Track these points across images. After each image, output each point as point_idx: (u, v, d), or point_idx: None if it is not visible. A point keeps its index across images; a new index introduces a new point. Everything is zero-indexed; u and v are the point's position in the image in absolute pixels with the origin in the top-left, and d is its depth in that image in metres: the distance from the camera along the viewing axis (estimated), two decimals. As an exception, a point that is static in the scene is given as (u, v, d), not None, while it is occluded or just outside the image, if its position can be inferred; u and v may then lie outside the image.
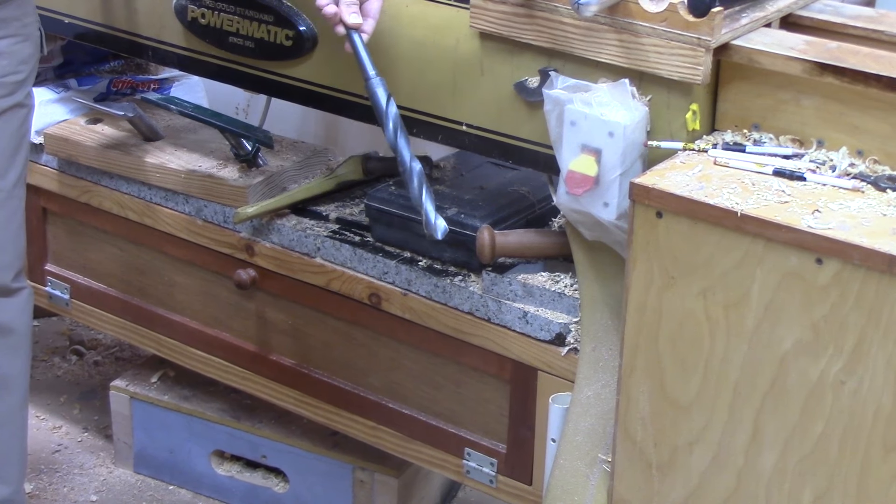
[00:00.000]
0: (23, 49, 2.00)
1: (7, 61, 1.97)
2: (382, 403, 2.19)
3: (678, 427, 1.65)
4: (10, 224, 2.05)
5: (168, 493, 2.62)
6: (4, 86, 1.98)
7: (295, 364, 2.28)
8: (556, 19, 1.76)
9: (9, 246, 2.06)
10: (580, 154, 1.72)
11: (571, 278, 1.97)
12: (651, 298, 1.62)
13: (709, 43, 1.65)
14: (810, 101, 1.66)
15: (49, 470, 2.66)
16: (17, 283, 2.08)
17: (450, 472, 2.16)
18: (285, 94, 2.17)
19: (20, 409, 2.15)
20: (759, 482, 1.60)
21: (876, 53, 1.65)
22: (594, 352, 1.87)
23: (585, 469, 1.85)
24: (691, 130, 1.71)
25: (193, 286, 2.38)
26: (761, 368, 1.56)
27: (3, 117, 1.99)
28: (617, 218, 1.72)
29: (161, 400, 2.59)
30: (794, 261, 1.49)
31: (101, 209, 2.43)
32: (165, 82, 2.65)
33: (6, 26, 1.96)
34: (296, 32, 2.08)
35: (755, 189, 1.57)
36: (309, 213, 2.23)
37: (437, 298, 2.04)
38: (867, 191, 1.58)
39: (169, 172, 2.31)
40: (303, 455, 2.47)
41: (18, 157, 2.04)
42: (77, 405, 2.89)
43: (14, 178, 2.04)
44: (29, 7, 2.01)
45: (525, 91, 1.85)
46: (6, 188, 2.03)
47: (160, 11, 2.26)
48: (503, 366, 2.01)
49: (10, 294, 2.07)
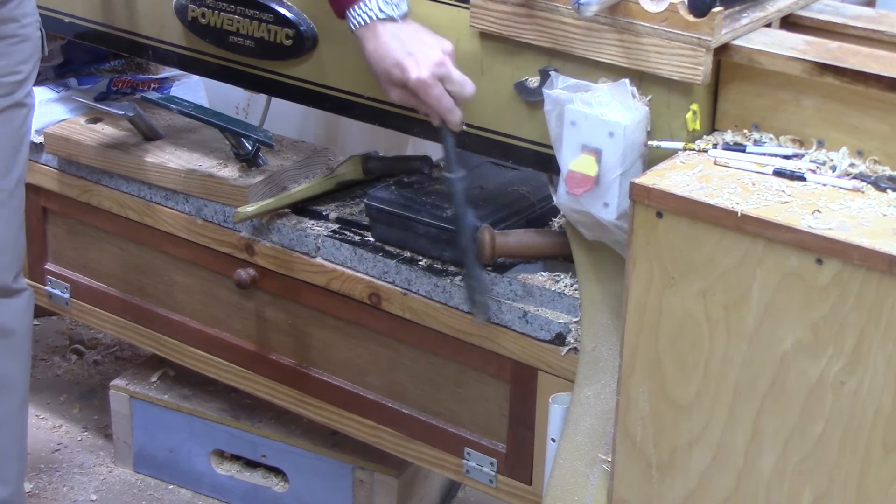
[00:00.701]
0: (22, 49, 1.99)
1: (5, 61, 1.97)
2: (382, 403, 2.19)
3: (678, 427, 1.65)
4: (12, 224, 2.05)
5: (168, 493, 2.62)
6: (3, 86, 1.98)
7: (295, 364, 2.28)
8: (556, 19, 1.76)
9: (10, 246, 2.05)
10: (580, 154, 1.72)
11: (571, 278, 1.97)
12: (651, 298, 1.62)
13: (709, 43, 1.65)
14: (810, 101, 1.66)
15: (49, 469, 2.66)
16: (17, 284, 2.08)
17: (450, 472, 2.16)
18: (285, 94, 2.17)
19: (20, 410, 2.15)
20: (758, 482, 1.60)
21: (876, 54, 1.65)
22: (594, 352, 1.87)
23: (585, 469, 1.85)
24: (691, 130, 1.71)
25: (193, 286, 2.38)
26: (761, 368, 1.56)
27: (3, 116, 1.99)
28: (617, 218, 1.72)
29: (161, 399, 2.59)
30: (794, 261, 1.49)
31: (101, 208, 2.43)
32: (165, 82, 2.65)
33: (4, 26, 1.96)
34: (296, 32, 2.08)
35: (755, 189, 1.57)
36: (309, 212, 2.23)
37: (437, 298, 2.04)
38: (867, 191, 1.58)
39: (169, 172, 2.31)
40: (303, 455, 2.47)
41: (19, 156, 2.04)
42: (77, 404, 2.89)
43: (15, 177, 2.04)
44: (28, 7, 2.00)
45: (525, 91, 1.85)
46: (8, 188, 2.02)
47: (160, 11, 2.26)
48: (503, 366, 2.01)
49: (11, 295, 2.07)
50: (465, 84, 1.79)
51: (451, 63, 1.78)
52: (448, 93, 1.79)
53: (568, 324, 1.93)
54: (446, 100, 1.79)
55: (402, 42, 1.76)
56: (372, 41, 1.78)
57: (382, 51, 1.78)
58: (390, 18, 1.77)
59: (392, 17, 1.77)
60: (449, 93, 1.79)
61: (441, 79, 1.77)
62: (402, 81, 1.77)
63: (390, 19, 1.77)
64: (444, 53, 1.77)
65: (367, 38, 1.79)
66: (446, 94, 1.79)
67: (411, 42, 1.76)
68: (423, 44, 1.77)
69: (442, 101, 1.78)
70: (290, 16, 2.08)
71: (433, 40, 1.79)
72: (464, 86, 1.79)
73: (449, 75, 1.78)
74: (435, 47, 1.77)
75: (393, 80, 1.78)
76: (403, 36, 1.77)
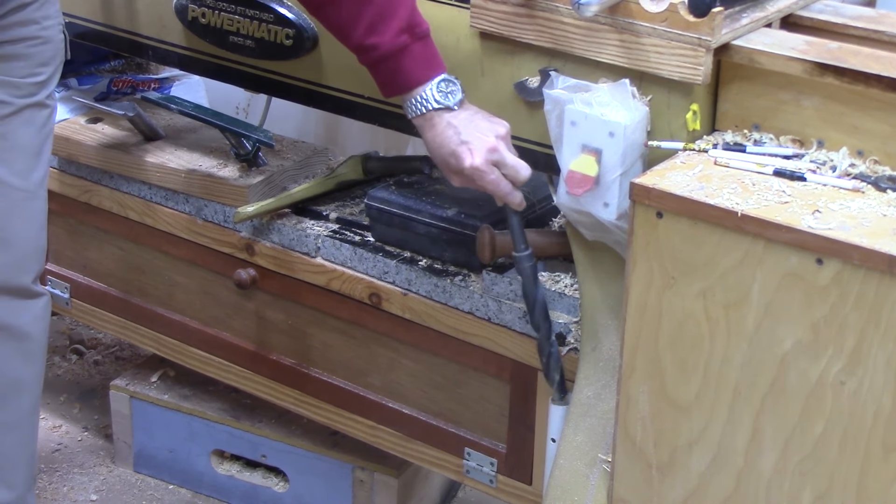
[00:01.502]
0: (42, 51, 1.98)
1: (26, 63, 1.96)
2: (382, 403, 2.19)
3: (678, 427, 1.65)
4: (32, 225, 2.02)
5: (168, 493, 2.62)
6: (23, 87, 1.96)
7: (295, 364, 2.28)
8: (556, 19, 1.76)
9: (29, 247, 2.03)
10: (580, 154, 1.72)
11: (571, 278, 1.97)
12: (651, 299, 1.62)
13: (709, 43, 1.65)
14: (811, 101, 1.66)
15: (49, 469, 2.66)
16: (37, 287, 2.05)
17: (450, 472, 2.16)
18: (285, 94, 2.17)
19: (30, 416, 2.13)
20: (758, 482, 1.60)
21: (876, 54, 1.65)
22: (594, 352, 1.87)
23: (585, 469, 1.85)
24: (691, 130, 1.71)
25: (193, 286, 2.38)
26: (761, 369, 1.56)
27: (23, 115, 1.96)
28: (617, 218, 1.72)
29: (161, 399, 2.59)
30: (795, 261, 1.49)
31: (102, 209, 2.44)
32: (166, 82, 2.65)
33: (24, 29, 1.95)
34: (296, 32, 2.08)
35: (755, 189, 1.57)
36: (309, 212, 2.23)
37: (437, 298, 2.04)
38: (867, 191, 1.58)
39: (169, 172, 2.31)
40: (303, 455, 2.47)
41: (42, 157, 2.01)
42: (77, 404, 2.89)
43: (38, 179, 2.01)
44: (50, 10, 1.98)
45: (525, 91, 1.85)
46: (29, 188, 2.00)
47: (161, 11, 2.26)
48: (503, 366, 2.01)
49: (30, 297, 2.04)
50: (520, 168, 1.80)
51: (504, 148, 1.80)
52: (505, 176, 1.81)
53: (568, 324, 1.93)
54: (503, 184, 1.81)
55: (457, 131, 1.79)
56: (429, 130, 1.82)
57: (438, 140, 1.81)
58: (446, 108, 1.80)
59: (447, 107, 1.80)
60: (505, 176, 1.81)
61: (495, 164, 1.79)
62: (458, 169, 1.80)
63: (446, 108, 1.80)
64: (498, 138, 1.79)
65: (424, 127, 1.82)
66: (502, 178, 1.80)
67: (465, 130, 1.79)
68: (478, 130, 1.79)
69: (499, 185, 1.80)
70: (291, 16, 2.08)
71: (487, 125, 1.80)
72: (518, 170, 1.80)
73: (503, 160, 1.80)
74: (488, 133, 1.79)
75: (451, 168, 1.82)
76: (458, 124, 1.80)
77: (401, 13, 1.77)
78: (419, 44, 1.79)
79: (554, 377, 1.91)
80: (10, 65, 1.94)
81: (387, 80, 1.83)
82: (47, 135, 2.02)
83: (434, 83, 1.80)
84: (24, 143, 1.98)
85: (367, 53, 1.81)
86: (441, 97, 1.80)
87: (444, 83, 1.80)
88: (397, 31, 1.77)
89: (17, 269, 2.02)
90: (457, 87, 1.81)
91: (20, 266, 2.03)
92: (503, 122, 1.81)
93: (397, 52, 1.78)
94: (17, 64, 1.95)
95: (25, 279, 2.03)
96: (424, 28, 1.80)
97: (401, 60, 1.79)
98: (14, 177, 1.97)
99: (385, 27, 1.77)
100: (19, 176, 1.98)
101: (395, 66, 1.80)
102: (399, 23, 1.77)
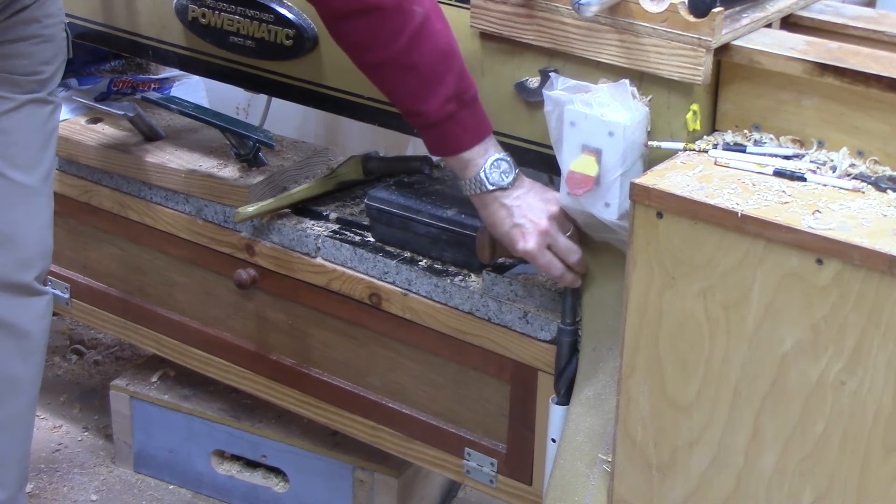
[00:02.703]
0: (44, 50, 1.97)
1: (27, 61, 1.95)
2: (382, 403, 2.19)
3: (678, 427, 1.65)
4: (35, 221, 2.00)
5: (168, 493, 2.62)
6: (24, 84, 1.95)
7: (295, 364, 2.28)
8: (556, 19, 1.76)
9: (31, 243, 2.01)
10: (580, 154, 1.72)
11: (571, 278, 1.97)
12: (651, 299, 1.62)
13: (709, 43, 1.65)
14: (811, 101, 1.66)
15: (49, 469, 2.67)
16: (39, 286, 2.03)
17: (450, 472, 2.16)
18: (286, 94, 2.17)
19: (26, 415, 2.12)
20: (759, 482, 1.60)
21: (876, 54, 1.65)
22: (594, 352, 1.87)
23: (585, 469, 1.85)
24: (692, 131, 1.71)
25: (193, 286, 2.38)
26: (761, 369, 1.56)
27: (24, 111, 1.95)
28: (618, 218, 1.72)
29: (161, 399, 2.59)
30: (795, 261, 1.49)
31: (102, 209, 2.44)
32: (166, 82, 2.65)
33: (26, 27, 1.95)
34: (296, 32, 2.08)
35: (755, 189, 1.57)
36: (309, 213, 2.23)
37: (437, 298, 2.05)
38: (867, 191, 1.58)
39: (169, 172, 2.31)
40: (303, 455, 2.47)
41: (47, 152, 1.99)
42: (77, 404, 2.89)
43: (42, 174, 1.99)
44: (52, 8, 1.98)
45: (525, 91, 1.85)
46: (33, 184, 1.98)
47: (161, 11, 2.26)
48: (503, 366, 2.01)
49: (32, 294, 2.02)
50: (570, 252, 1.83)
51: (556, 230, 1.82)
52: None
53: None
54: (555, 265, 1.83)
55: (510, 212, 1.82)
56: (483, 209, 1.85)
57: (492, 219, 1.85)
58: (500, 188, 1.82)
59: (501, 187, 1.82)
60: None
61: (548, 246, 1.82)
62: (513, 250, 1.85)
63: (500, 188, 1.82)
64: (550, 219, 1.81)
65: (479, 205, 1.86)
66: (555, 259, 1.83)
67: (518, 211, 1.82)
68: (531, 210, 1.82)
69: (551, 267, 1.83)
70: (290, 16, 2.08)
71: (540, 205, 1.82)
72: (568, 255, 1.83)
73: (555, 243, 1.82)
74: (541, 216, 1.82)
75: (507, 246, 1.86)
76: (510, 204, 1.82)
77: (448, 80, 1.78)
78: (467, 111, 1.80)
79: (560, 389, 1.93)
80: (12, 62, 1.94)
81: (434, 145, 1.85)
82: (51, 132, 2.01)
83: (488, 164, 1.81)
84: (27, 139, 1.97)
85: (413, 119, 1.83)
86: (496, 178, 1.82)
87: (497, 162, 1.82)
88: (444, 99, 1.78)
89: (18, 266, 2.01)
90: (510, 165, 1.82)
91: (22, 262, 2.02)
92: (555, 198, 1.83)
93: (444, 120, 1.80)
94: (19, 62, 1.95)
95: (27, 276, 2.02)
96: (472, 93, 1.80)
97: (447, 128, 1.80)
98: (16, 172, 1.96)
99: (432, 96, 1.78)
100: (22, 171, 1.97)
101: (442, 132, 1.81)
102: (446, 91, 1.78)
